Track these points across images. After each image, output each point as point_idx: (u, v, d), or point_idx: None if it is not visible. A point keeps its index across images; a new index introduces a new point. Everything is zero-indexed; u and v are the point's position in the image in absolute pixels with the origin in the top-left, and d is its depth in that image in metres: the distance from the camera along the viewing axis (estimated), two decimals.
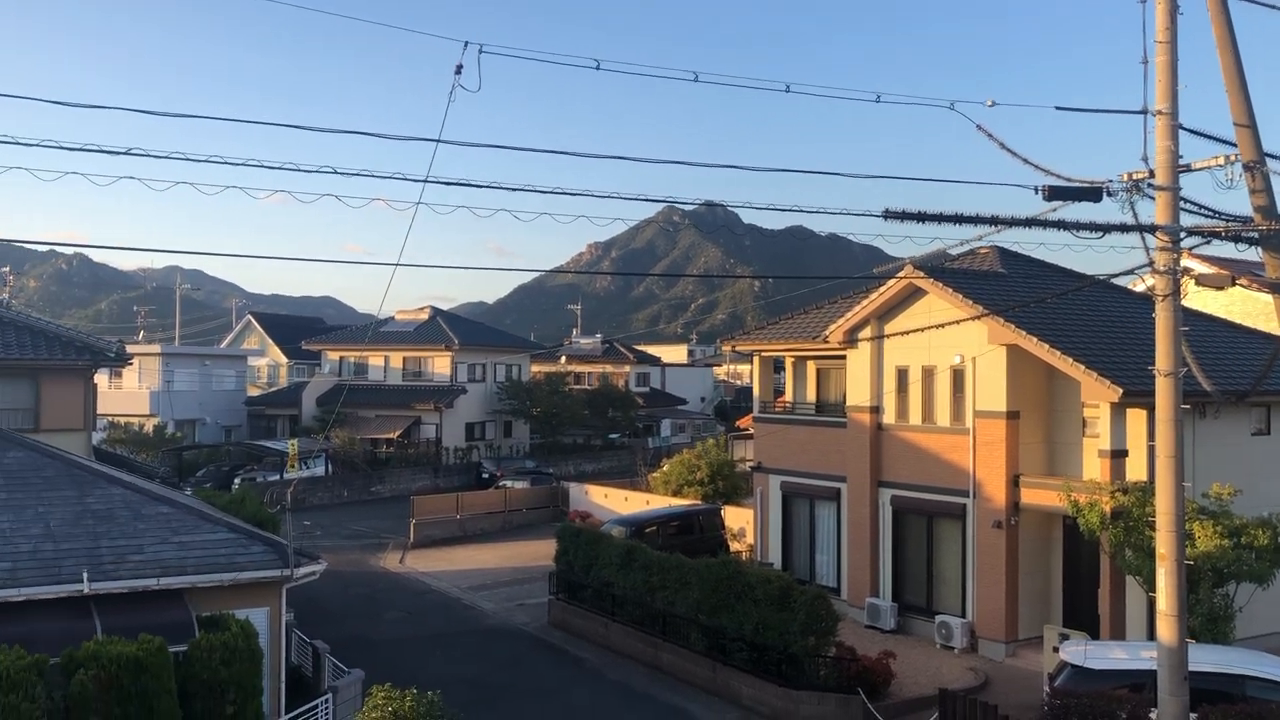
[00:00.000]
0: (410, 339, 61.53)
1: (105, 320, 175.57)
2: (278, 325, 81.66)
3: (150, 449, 46.44)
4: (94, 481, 17.04)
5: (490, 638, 25.44)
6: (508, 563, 34.81)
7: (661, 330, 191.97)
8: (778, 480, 28.18)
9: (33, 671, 12.67)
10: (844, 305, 27.22)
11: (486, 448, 61.10)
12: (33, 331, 25.41)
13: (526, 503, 43.67)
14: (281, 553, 15.99)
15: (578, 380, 73.83)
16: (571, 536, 26.39)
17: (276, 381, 73.64)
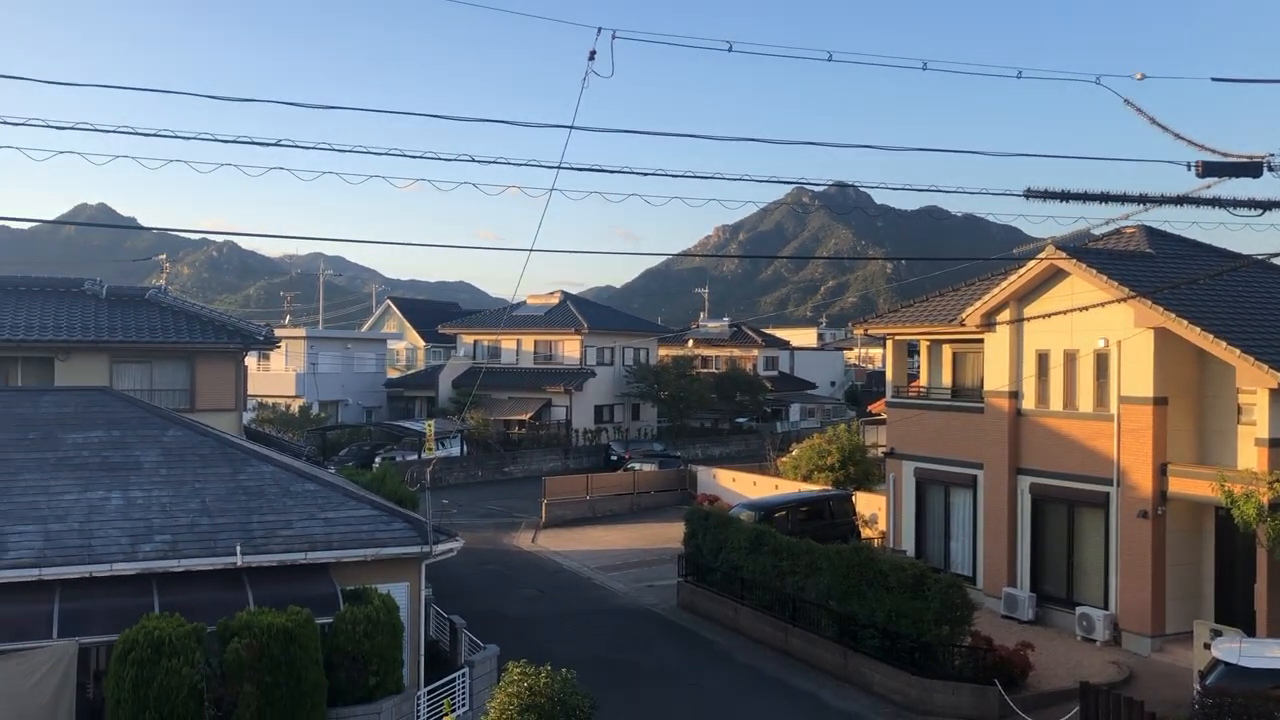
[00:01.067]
0: (541, 323, 62.51)
1: (253, 305, 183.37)
2: (415, 310, 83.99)
3: (296, 429, 48.35)
4: (246, 459, 17.85)
5: (620, 617, 25.74)
6: (636, 544, 35.14)
7: (790, 314, 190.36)
8: (911, 466, 27.68)
9: (192, 638, 13.39)
10: (981, 287, 26.50)
11: (615, 430, 61.70)
12: (188, 316, 26.77)
13: (654, 485, 43.96)
14: (421, 530, 16.48)
15: (705, 364, 73.83)
16: (700, 520, 26.48)
17: (414, 364, 75.80)
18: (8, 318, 24.43)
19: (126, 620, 13.69)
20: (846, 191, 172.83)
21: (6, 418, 17.82)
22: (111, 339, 24.62)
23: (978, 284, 27.26)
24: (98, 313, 25.81)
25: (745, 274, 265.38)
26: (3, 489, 15.69)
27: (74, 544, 14.71)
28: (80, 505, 15.62)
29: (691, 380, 62.91)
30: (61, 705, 13.63)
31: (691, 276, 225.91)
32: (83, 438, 17.50)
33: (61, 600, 14.10)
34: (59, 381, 23.69)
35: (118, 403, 19.08)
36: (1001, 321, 24.63)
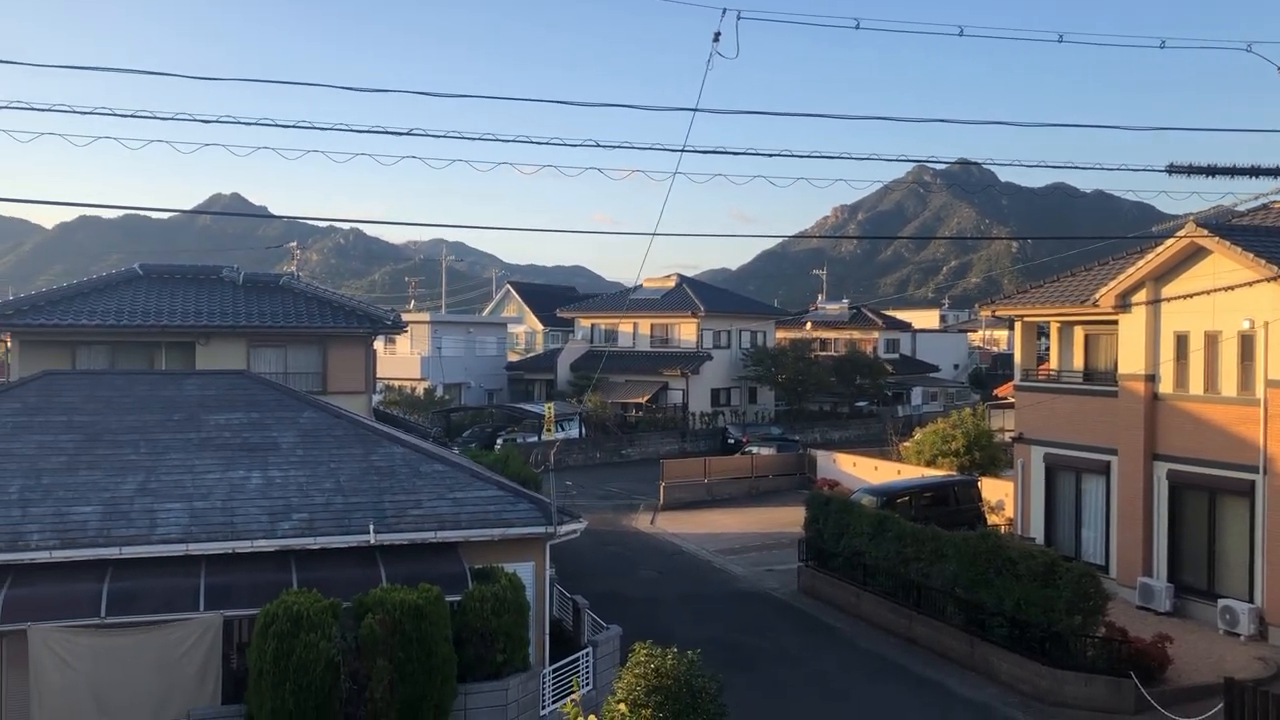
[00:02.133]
0: (657, 306, 62.64)
1: (377, 291, 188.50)
2: (533, 294, 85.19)
3: (421, 410, 49.56)
4: (377, 441, 18.38)
5: (740, 601, 25.71)
6: (755, 528, 35.02)
7: (911, 295, 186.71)
8: (1040, 452, 26.88)
9: (328, 613, 13.87)
10: (1115, 267, 25.52)
11: (732, 413, 61.52)
12: (320, 302, 27.64)
13: (773, 469, 43.71)
14: (545, 511, 16.73)
15: (824, 346, 72.97)
16: (821, 504, 26.24)
17: (533, 347, 76.92)
18: (153, 304, 25.61)
19: (267, 595, 14.26)
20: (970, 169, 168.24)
21: (154, 400, 18.72)
22: (249, 324, 25.59)
23: (1111, 263, 26.25)
24: (235, 299, 26.85)
25: (864, 255, 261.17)
26: (151, 467, 16.49)
27: (218, 521, 15.38)
28: (223, 484, 16.31)
29: (810, 363, 62.27)
30: (208, 675, 14.30)
31: (809, 258, 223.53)
32: (224, 419, 18.27)
33: (207, 575, 14.76)
34: (199, 365, 24.75)
35: (257, 386, 19.84)
36: (1137, 302, 23.68)
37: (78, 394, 18.44)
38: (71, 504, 15.26)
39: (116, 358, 25.01)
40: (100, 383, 19.23)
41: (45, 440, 16.80)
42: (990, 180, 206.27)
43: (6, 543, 14.23)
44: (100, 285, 26.19)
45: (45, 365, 22.39)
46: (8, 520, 14.66)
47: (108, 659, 13.79)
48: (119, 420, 17.73)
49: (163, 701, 14.00)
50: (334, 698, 13.50)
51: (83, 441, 16.93)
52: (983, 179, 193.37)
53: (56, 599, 13.95)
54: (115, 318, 24.43)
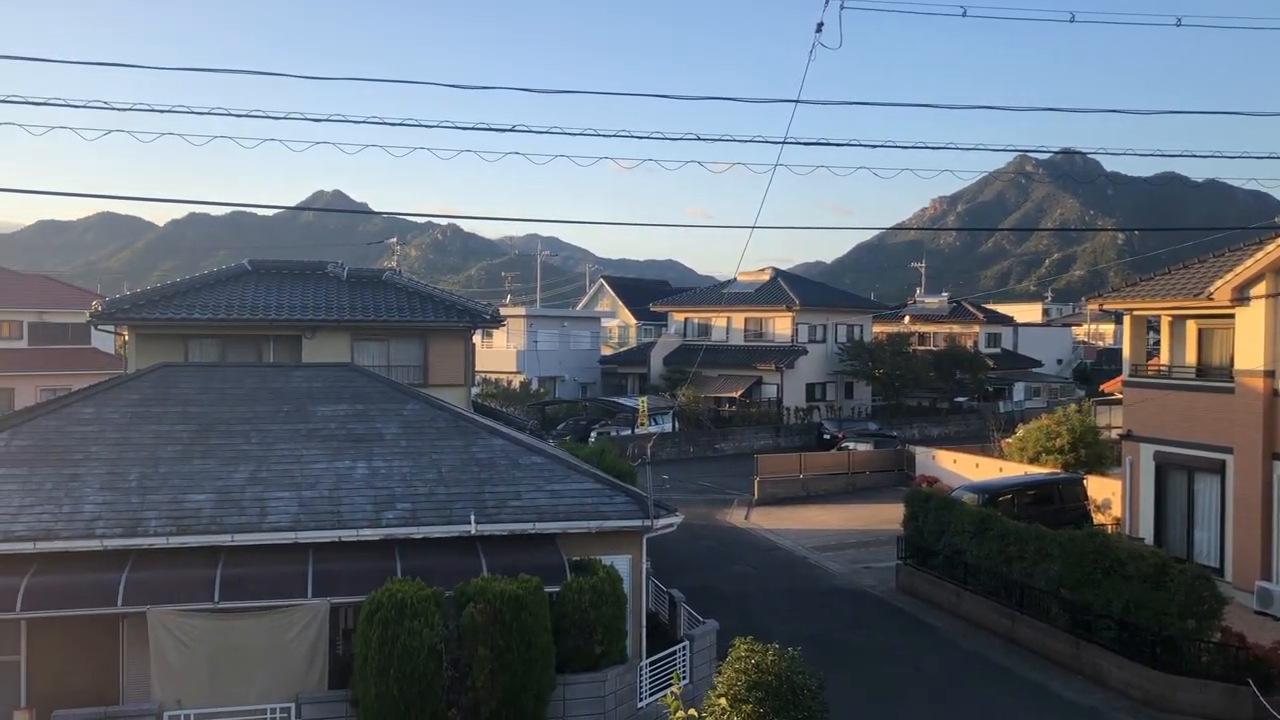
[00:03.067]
0: (751, 300, 62.29)
1: (474, 285, 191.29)
2: (626, 288, 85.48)
3: (517, 403, 50.15)
4: (477, 433, 18.64)
5: (837, 598, 25.45)
6: (851, 524, 34.63)
7: (1012, 288, 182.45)
8: (1150, 450, 26.01)
9: (431, 602, 14.11)
10: (1231, 258, 24.53)
11: (827, 408, 60.88)
12: (421, 296, 28.11)
13: (870, 465, 43.15)
14: (642, 504, 16.77)
15: (922, 340, 71.74)
16: (920, 501, 25.81)
17: (626, 341, 77.23)
18: (261, 299, 26.34)
19: (372, 583, 14.57)
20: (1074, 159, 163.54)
21: (263, 391, 19.27)
22: (353, 318, 26.15)
23: (1227, 255, 25.24)
24: (340, 293, 27.46)
25: (964, 247, 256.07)
26: (262, 457, 16.98)
27: (325, 510, 15.77)
28: (329, 474, 16.72)
29: (908, 358, 61.29)
30: (316, 660, 14.69)
31: (906, 250, 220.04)
32: (330, 410, 18.72)
33: (314, 562, 15.15)
34: (306, 358, 25.37)
35: (361, 378, 20.28)
36: (1256, 295, 22.73)
37: (192, 385, 19.08)
38: (186, 492, 15.80)
39: (227, 351, 25.79)
40: (213, 375, 19.87)
41: (162, 430, 17.43)
42: (1095, 170, 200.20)
43: (127, 528, 14.81)
44: (211, 280, 27.02)
45: (160, 358, 23.21)
46: (128, 507, 15.25)
47: (221, 641, 14.26)
48: (231, 411, 18.30)
49: (272, 684, 14.42)
50: (436, 685, 13.74)
51: (197, 431, 17.51)
52: (1087, 169, 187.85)
53: (173, 583, 14.47)
54: (225, 312, 25.19)
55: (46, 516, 14.82)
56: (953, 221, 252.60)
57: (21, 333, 51.24)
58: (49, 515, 14.86)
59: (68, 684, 14.72)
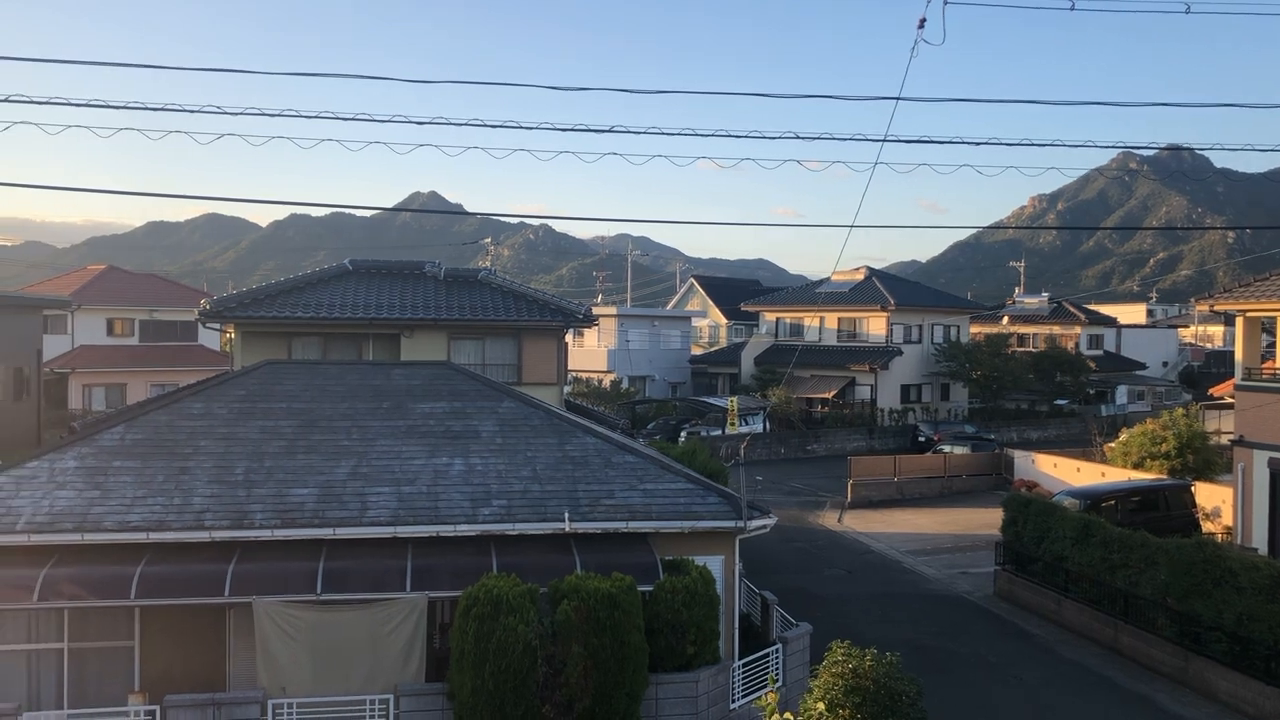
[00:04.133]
0: (845, 299, 61.57)
1: (565, 285, 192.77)
2: (717, 288, 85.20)
3: (607, 402, 50.37)
4: (571, 431, 18.76)
5: (931, 603, 25.03)
6: (947, 529, 34.03)
7: (1114, 289, 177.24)
8: (1264, 456, 25.01)
9: (527, 598, 14.25)
10: None
11: (922, 410, 59.88)
12: (516, 295, 28.43)
13: (967, 469, 42.34)
14: (735, 505, 16.69)
15: (1021, 342, 70.09)
16: (1020, 506, 25.24)
17: (717, 341, 77.03)
18: (361, 298, 26.93)
19: (468, 578, 14.77)
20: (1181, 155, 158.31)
21: (364, 388, 19.68)
22: (449, 317, 26.56)
23: None
24: (437, 293, 27.92)
25: (1064, 246, 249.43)
26: (362, 453, 17.35)
27: (423, 506, 16.04)
28: (427, 470, 17.00)
29: (1006, 359, 59.94)
30: (414, 652, 14.95)
31: (1004, 249, 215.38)
32: (429, 408, 19.04)
33: (413, 557, 15.42)
34: (404, 356, 25.86)
35: (459, 376, 20.59)
36: None
37: (296, 382, 19.58)
38: (290, 486, 16.22)
39: (328, 348, 26.42)
40: (316, 372, 20.36)
41: (267, 425, 17.92)
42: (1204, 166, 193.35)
43: (234, 520, 15.27)
44: (314, 280, 27.71)
45: (264, 355, 23.88)
46: (235, 500, 15.72)
47: (323, 633, 14.61)
48: (333, 407, 18.73)
49: (371, 676, 14.72)
50: (531, 680, 13.87)
51: (300, 427, 17.97)
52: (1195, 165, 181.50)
53: (278, 575, 14.87)
54: (327, 311, 25.81)
55: (159, 508, 15.36)
56: (1052, 220, 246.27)
57: (133, 330, 53.26)
58: (161, 507, 15.40)
59: (177, 670, 15.23)
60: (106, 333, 52.39)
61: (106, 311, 52.49)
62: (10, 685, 14.87)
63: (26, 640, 15.05)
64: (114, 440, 16.95)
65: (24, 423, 32.78)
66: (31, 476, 15.79)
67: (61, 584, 14.33)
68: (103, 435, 17.16)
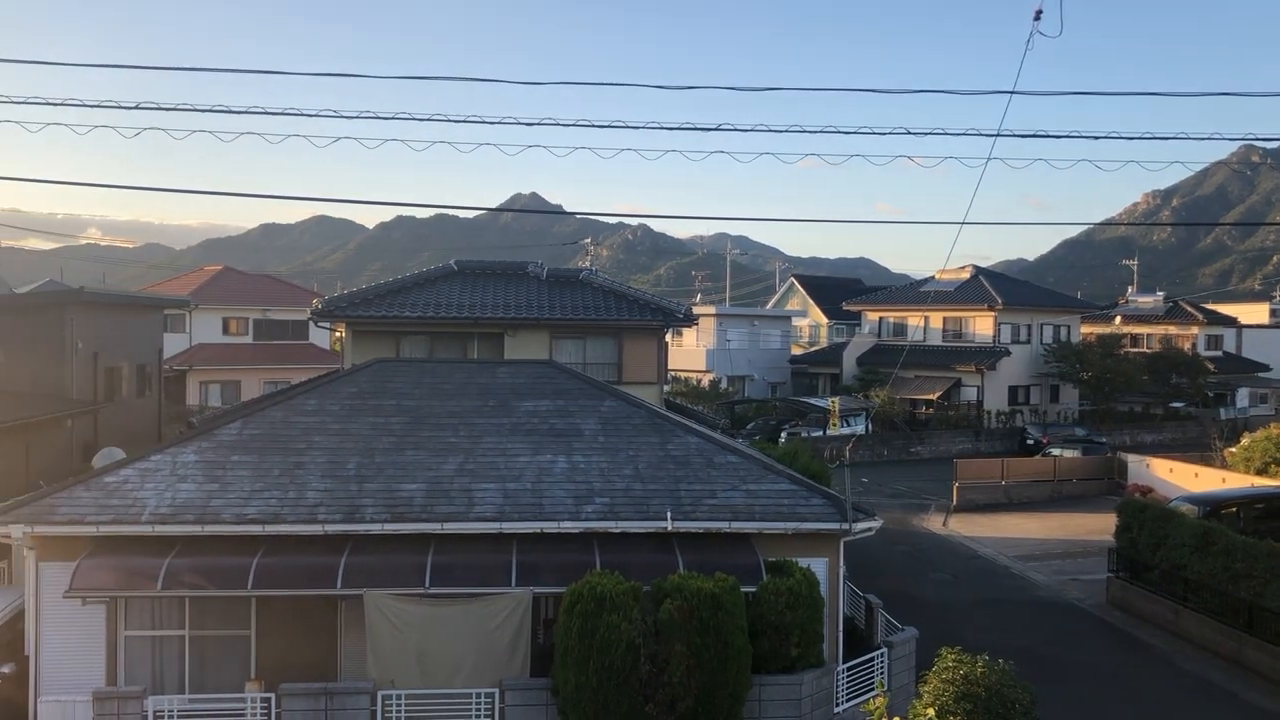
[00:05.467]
0: (950, 299, 60.35)
1: (663, 284, 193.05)
2: (818, 287, 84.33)
3: (706, 402, 50.22)
4: (673, 430, 18.77)
5: (1041, 610, 24.38)
6: (1056, 534, 33.11)
7: (1234, 288, 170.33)
8: None
9: (630, 596, 14.28)
10: None
11: (1030, 412, 58.35)
12: (616, 295, 28.58)
13: (1077, 473, 41.12)
14: (839, 507, 16.48)
15: (1134, 342, 67.77)
16: (1135, 512, 24.41)
17: (817, 341, 76.27)
18: (466, 298, 27.37)
19: (572, 574, 14.87)
20: None
21: (470, 386, 19.99)
22: (552, 316, 26.84)
23: None
24: (539, 292, 28.22)
25: (1180, 244, 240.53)
26: (469, 450, 17.62)
27: (528, 502, 16.22)
28: (532, 467, 17.18)
29: (1119, 360, 58.01)
30: (518, 647, 15.12)
31: (1115, 247, 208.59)
32: (533, 406, 19.24)
33: (518, 552, 15.60)
34: (507, 354, 26.21)
35: (562, 375, 20.77)
36: None
37: (405, 380, 19.99)
38: (400, 481, 16.56)
39: (435, 346, 26.92)
40: (424, 370, 20.76)
41: (377, 422, 18.33)
42: None
43: (346, 514, 15.65)
44: (421, 280, 28.26)
45: (373, 353, 24.44)
46: (346, 494, 16.12)
47: (431, 626, 14.87)
48: (440, 405, 19.07)
49: (477, 669, 14.93)
50: (634, 678, 13.90)
51: (409, 424, 18.33)
52: None
53: (387, 568, 15.19)
54: (434, 310, 26.30)
55: (274, 501, 15.83)
56: (1167, 217, 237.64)
57: (247, 329, 55.06)
58: (276, 500, 15.87)
59: (291, 659, 15.65)
60: (222, 331, 54.26)
61: (222, 311, 54.37)
62: (137, 669, 15.50)
63: (151, 626, 15.67)
64: (232, 435, 17.53)
65: (146, 418, 34.14)
66: (155, 469, 16.43)
67: (183, 573, 14.88)
68: (221, 430, 17.76)
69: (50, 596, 15.18)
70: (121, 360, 31.65)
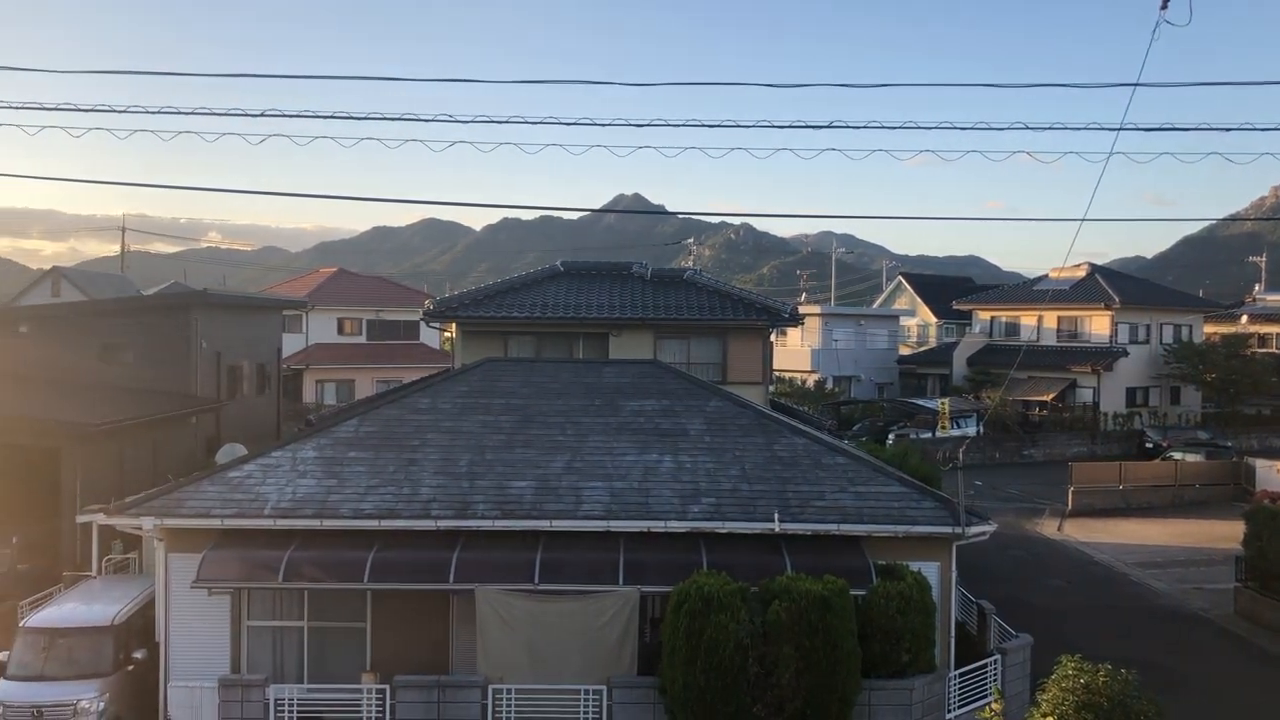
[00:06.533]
0: (1065, 298, 58.59)
1: (766, 284, 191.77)
2: (926, 285, 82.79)
3: (811, 402, 49.75)
4: (779, 431, 18.65)
5: (1162, 619, 23.53)
6: (1178, 541, 31.91)
7: None
8: None
9: (737, 597, 14.24)
10: None
11: (1149, 415, 56.29)
12: (721, 295, 28.51)
13: (1200, 478, 39.51)
14: (952, 510, 16.17)
15: (1263, 342, 64.82)
16: (1265, 519, 23.35)
17: (926, 340, 74.89)
18: (572, 298, 27.62)
19: (678, 574, 14.90)
20: None
21: (577, 386, 20.20)
22: (656, 316, 26.90)
23: None
24: (644, 293, 28.31)
25: None
26: (576, 448, 17.79)
27: (634, 501, 16.30)
28: (638, 466, 17.27)
29: (1245, 361, 55.56)
30: (626, 645, 15.21)
31: (1241, 243, 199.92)
32: (638, 405, 19.34)
33: (625, 551, 15.69)
34: (612, 354, 26.35)
35: (667, 375, 20.83)
36: None
37: (513, 379, 20.30)
38: (509, 479, 16.82)
39: (541, 346, 27.22)
40: (532, 369, 21.05)
41: (488, 420, 18.64)
42: None
43: (458, 510, 15.96)
44: (528, 281, 28.62)
45: (482, 353, 24.83)
46: (458, 491, 16.43)
47: (540, 622, 15.06)
48: (548, 404, 19.30)
49: (586, 666, 15.06)
50: (742, 679, 13.86)
51: (518, 422, 18.60)
52: None
53: (498, 564, 15.43)
54: (541, 311, 26.60)
55: (389, 497, 16.23)
56: None
57: (361, 329, 56.55)
58: (391, 496, 16.27)
59: (404, 652, 16.03)
60: (337, 331, 55.83)
61: (337, 311, 55.94)
62: (258, 657, 16.05)
63: (271, 617, 16.21)
64: (349, 433, 18.03)
65: (265, 415, 35.34)
66: (276, 465, 16.99)
67: (302, 566, 15.36)
68: (339, 428, 18.29)
69: (178, 586, 15.83)
70: (242, 359, 32.82)
